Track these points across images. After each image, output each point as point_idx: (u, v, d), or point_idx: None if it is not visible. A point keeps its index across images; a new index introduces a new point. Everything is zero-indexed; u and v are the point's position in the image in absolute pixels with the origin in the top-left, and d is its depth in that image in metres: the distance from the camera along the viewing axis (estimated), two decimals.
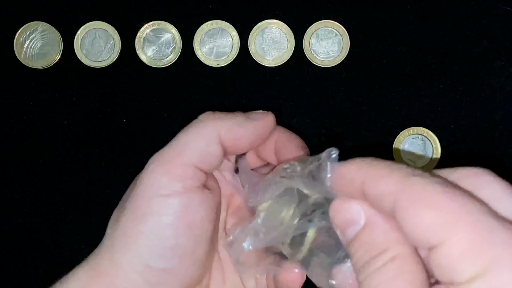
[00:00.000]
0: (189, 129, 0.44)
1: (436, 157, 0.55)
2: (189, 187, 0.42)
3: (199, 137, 0.43)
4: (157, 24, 0.55)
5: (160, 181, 0.42)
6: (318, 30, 0.55)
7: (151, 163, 0.43)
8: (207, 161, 0.43)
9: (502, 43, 0.55)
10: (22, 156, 0.55)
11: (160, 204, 0.42)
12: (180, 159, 0.43)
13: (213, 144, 0.44)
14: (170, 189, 0.42)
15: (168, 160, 0.43)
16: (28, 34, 0.55)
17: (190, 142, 0.43)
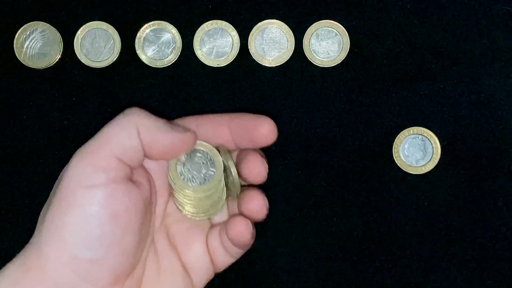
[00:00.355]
0: (112, 122, 0.45)
1: (436, 157, 0.55)
2: (112, 178, 0.44)
3: (120, 130, 0.45)
4: (157, 24, 0.55)
5: (83, 173, 0.43)
6: (318, 30, 0.55)
7: (75, 156, 0.44)
8: (129, 154, 0.45)
9: (502, 43, 0.55)
10: (22, 156, 0.55)
11: (84, 195, 0.43)
12: (102, 151, 0.44)
13: (133, 138, 0.45)
14: (94, 180, 0.43)
15: (91, 152, 0.44)
16: (28, 34, 0.55)
17: (112, 134, 0.44)
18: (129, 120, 0.45)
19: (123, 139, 0.45)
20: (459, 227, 0.55)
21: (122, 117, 0.46)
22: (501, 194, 0.55)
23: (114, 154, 0.44)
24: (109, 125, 0.45)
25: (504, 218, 0.55)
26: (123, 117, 0.46)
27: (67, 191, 0.43)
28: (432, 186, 0.55)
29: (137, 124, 0.45)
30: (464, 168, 0.55)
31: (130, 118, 0.45)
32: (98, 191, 0.43)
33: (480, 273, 0.55)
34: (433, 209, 0.55)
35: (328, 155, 0.55)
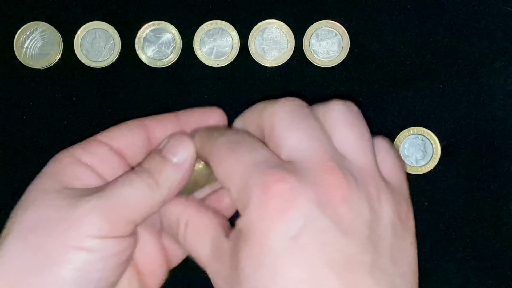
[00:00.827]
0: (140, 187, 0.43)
1: (436, 157, 0.55)
2: (124, 236, 0.42)
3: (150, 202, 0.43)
4: (157, 24, 0.55)
5: (100, 225, 0.41)
6: (318, 30, 0.55)
7: (92, 208, 0.42)
8: (148, 216, 0.44)
9: (502, 43, 0.55)
10: (22, 156, 0.55)
11: (94, 243, 0.41)
12: (123, 215, 0.42)
13: (157, 206, 0.44)
14: (107, 234, 0.42)
15: (111, 212, 0.42)
16: (28, 34, 0.55)
17: (136, 201, 0.43)
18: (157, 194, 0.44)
19: (147, 210, 0.43)
20: (459, 227, 0.55)
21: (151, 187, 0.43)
22: (501, 194, 0.55)
23: (133, 221, 0.43)
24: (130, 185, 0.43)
25: (504, 218, 0.55)
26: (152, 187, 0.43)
27: (77, 235, 0.41)
28: (432, 186, 0.55)
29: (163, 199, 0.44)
30: (464, 168, 0.55)
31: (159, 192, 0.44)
32: (109, 242, 0.42)
33: (480, 273, 0.55)
34: (433, 209, 0.55)
35: None
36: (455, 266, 0.55)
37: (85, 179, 0.44)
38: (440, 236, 0.55)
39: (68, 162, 0.45)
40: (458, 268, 0.55)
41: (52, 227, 0.42)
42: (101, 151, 0.46)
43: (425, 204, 0.55)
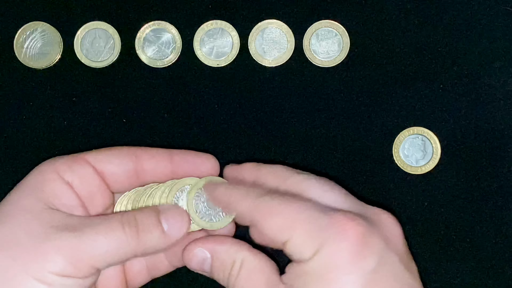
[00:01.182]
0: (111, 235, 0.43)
1: (436, 157, 0.55)
2: (85, 277, 0.43)
3: (117, 252, 0.43)
4: (157, 24, 0.55)
5: (63, 266, 0.42)
6: (318, 30, 0.55)
7: (61, 248, 0.42)
8: (112, 265, 0.44)
9: (502, 43, 0.55)
10: (22, 156, 0.55)
11: (54, 279, 0.42)
12: (90, 261, 0.43)
13: (124, 258, 0.44)
14: (69, 275, 0.42)
15: (78, 256, 0.42)
16: (28, 34, 0.55)
17: (105, 250, 0.43)
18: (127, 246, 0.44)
19: (114, 260, 0.44)
20: (459, 227, 0.55)
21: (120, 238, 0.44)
22: (501, 194, 0.55)
23: (98, 267, 0.43)
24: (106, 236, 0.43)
25: (504, 218, 0.55)
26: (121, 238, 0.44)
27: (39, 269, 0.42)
28: (432, 186, 0.55)
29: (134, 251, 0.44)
30: (464, 168, 0.55)
31: (130, 247, 0.44)
32: (69, 281, 0.42)
33: (480, 273, 0.55)
34: (433, 209, 0.55)
35: (328, 155, 0.55)
36: (455, 266, 0.55)
37: (64, 199, 0.45)
38: (440, 236, 0.55)
39: (51, 179, 0.46)
40: (458, 268, 0.55)
41: (20, 252, 0.42)
42: (84, 171, 0.46)
43: (425, 204, 0.55)
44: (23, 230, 0.43)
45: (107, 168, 0.47)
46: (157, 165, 0.48)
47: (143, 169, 0.48)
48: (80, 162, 0.46)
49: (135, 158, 0.48)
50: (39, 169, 0.46)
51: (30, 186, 0.46)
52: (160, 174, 0.49)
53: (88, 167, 0.47)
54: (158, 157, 0.48)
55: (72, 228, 0.43)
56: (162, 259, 0.49)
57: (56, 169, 0.46)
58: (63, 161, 0.46)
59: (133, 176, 0.48)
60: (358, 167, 0.55)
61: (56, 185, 0.45)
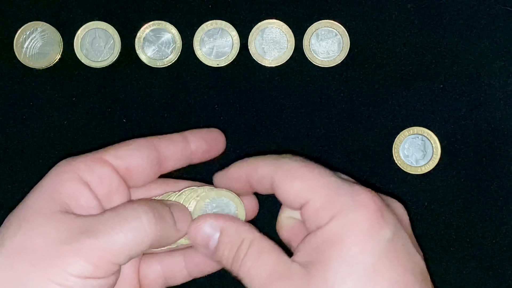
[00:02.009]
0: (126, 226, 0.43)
1: (436, 157, 0.55)
2: (106, 276, 0.43)
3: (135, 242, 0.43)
4: (157, 24, 0.55)
5: (83, 267, 0.42)
6: (318, 30, 0.55)
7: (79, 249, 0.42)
8: (132, 258, 0.44)
9: (502, 43, 0.55)
10: (22, 156, 0.55)
11: (75, 282, 0.41)
12: (110, 258, 0.42)
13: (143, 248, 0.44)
14: (90, 276, 0.42)
15: (98, 255, 0.42)
16: (28, 34, 0.55)
17: (124, 243, 0.43)
18: (145, 235, 0.43)
19: (133, 252, 0.43)
20: (459, 227, 0.55)
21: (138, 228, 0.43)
22: (501, 194, 0.55)
23: (118, 262, 0.43)
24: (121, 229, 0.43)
25: (504, 218, 0.55)
26: (138, 229, 0.43)
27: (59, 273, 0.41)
28: (432, 186, 0.55)
29: (151, 240, 0.44)
30: (464, 168, 0.55)
31: (146, 232, 0.43)
32: (91, 282, 0.42)
33: (480, 273, 0.55)
34: (433, 209, 0.55)
35: (328, 155, 0.55)
36: (455, 266, 0.55)
37: (81, 200, 0.45)
38: (440, 236, 0.55)
39: (68, 178, 0.45)
40: (458, 268, 0.55)
41: (38, 258, 0.42)
42: (103, 171, 0.46)
43: (425, 204, 0.55)
44: (39, 234, 0.43)
45: (130, 162, 0.46)
46: (176, 149, 0.48)
47: (165, 156, 0.48)
48: (99, 162, 0.46)
49: (154, 147, 0.47)
50: (57, 170, 0.46)
51: (47, 188, 0.45)
52: (180, 157, 0.48)
53: (107, 166, 0.46)
54: (176, 141, 0.48)
55: (88, 228, 0.43)
56: (181, 268, 0.49)
57: (75, 169, 0.45)
58: (81, 161, 0.46)
59: (156, 165, 0.47)
60: (358, 167, 0.55)
61: (74, 186, 0.45)
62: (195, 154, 0.49)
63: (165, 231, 0.44)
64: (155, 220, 0.44)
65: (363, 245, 0.41)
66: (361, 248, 0.40)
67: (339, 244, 0.41)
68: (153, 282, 0.49)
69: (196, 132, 0.49)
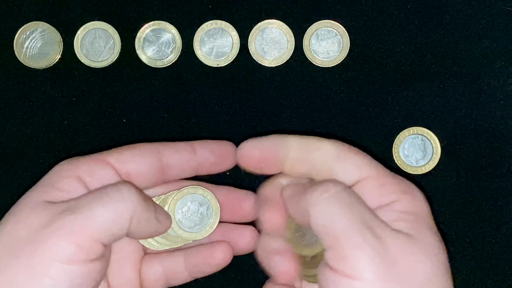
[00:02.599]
0: (105, 200, 0.42)
1: (436, 157, 0.55)
2: (91, 258, 0.42)
3: (114, 217, 0.42)
4: (157, 24, 0.55)
5: (65, 249, 0.41)
6: (318, 30, 0.55)
7: (59, 229, 0.41)
8: (114, 239, 0.43)
9: (502, 43, 0.55)
10: (22, 156, 0.55)
11: (58, 269, 0.41)
12: (89, 233, 0.41)
13: (124, 229, 0.43)
14: (73, 258, 0.41)
15: (77, 230, 0.41)
16: (28, 34, 0.55)
17: (103, 218, 0.42)
18: (125, 208, 0.42)
19: (114, 228, 0.42)
20: (459, 227, 0.55)
21: (118, 201, 0.42)
22: (501, 194, 0.55)
23: (100, 239, 0.42)
24: (101, 202, 0.42)
25: (504, 218, 0.55)
26: (118, 201, 0.42)
27: (42, 260, 0.40)
28: (432, 186, 0.55)
29: (132, 214, 0.43)
30: (464, 168, 0.55)
31: (127, 205, 0.42)
32: (75, 268, 0.41)
33: (480, 273, 0.55)
34: (433, 209, 0.55)
35: None
36: (455, 266, 0.55)
37: (74, 194, 0.44)
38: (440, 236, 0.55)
39: (66, 176, 0.44)
40: (458, 268, 0.55)
41: (21, 248, 0.41)
42: (105, 173, 0.45)
43: None
44: (24, 226, 0.42)
45: (132, 168, 0.46)
46: (181, 159, 0.47)
47: (168, 165, 0.47)
48: (101, 163, 0.45)
49: (158, 155, 0.47)
50: (57, 168, 0.45)
51: (42, 183, 0.45)
52: (185, 167, 0.48)
53: (110, 169, 0.45)
54: (181, 151, 0.47)
55: (67, 207, 0.42)
56: (182, 269, 0.49)
57: (75, 169, 0.45)
58: (83, 161, 0.45)
59: (158, 173, 0.47)
60: None
61: (70, 183, 0.44)
62: (201, 166, 0.48)
63: (145, 212, 0.43)
64: (136, 194, 0.43)
65: (428, 226, 0.43)
66: (428, 228, 0.43)
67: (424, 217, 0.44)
68: (154, 283, 0.49)
69: (205, 143, 0.48)
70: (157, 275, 0.49)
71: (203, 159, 0.48)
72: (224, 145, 0.49)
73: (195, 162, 0.48)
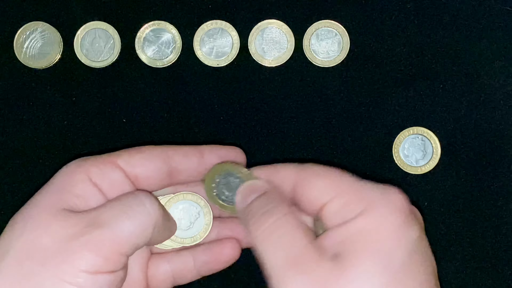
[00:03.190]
0: (130, 213, 0.43)
1: (436, 157, 0.55)
2: (116, 269, 0.42)
3: (141, 231, 0.43)
4: (157, 24, 0.55)
5: (93, 261, 0.41)
6: (318, 30, 0.55)
7: (88, 242, 0.42)
8: (138, 248, 0.44)
9: (502, 43, 0.55)
10: (22, 156, 0.55)
11: (86, 278, 0.41)
12: (118, 247, 0.42)
13: (146, 239, 0.44)
14: (100, 269, 0.42)
15: (107, 246, 0.42)
16: (28, 34, 0.55)
17: (131, 231, 0.43)
18: (150, 220, 0.43)
19: (139, 240, 0.43)
20: (459, 227, 0.55)
21: (143, 214, 0.43)
22: (501, 194, 0.55)
23: (126, 252, 0.43)
24: (127, 216, 0.43)
25: (504, 218, 0.55)
26: (143, 214, 0.43)
27: (70, 270, 0.41)
28: (432, 186, 0.55)
29: (154, 226, 0.44)
30: (464, 168, 0.55)
31: (151, 218, 0.43)
32: (101, 277, 0.42)
33: (480, 273, 0.55)
34: (433, 209, 0.55)
35: (328, 155, 0.55)
36: (455, 266, 0.55)
37: (91, 201, 0.44)
38: (440, 236, 0.55)
39: (79, 180, 0.45)
40: (458, 268, 0.55)
41: (47, 258, 0.41)
42: (115, 175, 0.45)
43: (425, 204, 0.55)
44: (45, 232, 0.42)
45: (141, 172, 0.46)
46: (190, 165, 0.47)
47: (177, 169, 0.47)
48: (111, 166, 0.45)
49: (167, 159, 0.47)
50: (67, 170, 0.45)
51: (56, 187, 0.45)
52: (193, 172, 0.47)
53: (119, 171, 0.45)
54: (190, 156, 0.47)
55: (94, 221, 0.42)
56: (191, 267, 0.49)
57: (86, 171, 0.45)
58: (93, 163, 0.45)
59: (166, 178, 0.47)
60: (358, 167, 0.55)
61: (84, 187, 0.44)
62: None
63: (164, 221, 0.45)
64: (157, 204, 0.44)
65: (397, 240, 0.40)
66: (396, 243, 0.40)
67: (373, 236, 0.40)
68: (162, 282, 0.48)
69: (214, 148, 0.48)
70: (166, 274, 0.49)
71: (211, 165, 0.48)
72: (232, 151, 0.48)
73: (203, 167, 0.48)
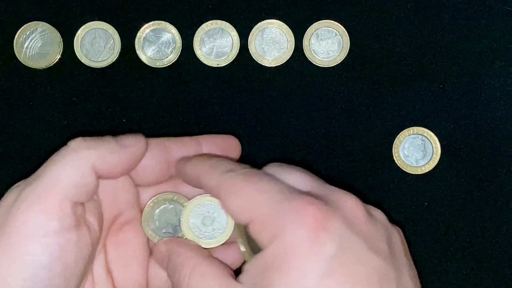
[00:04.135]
0: (60, 159, 0.42)
1: (436, 157, 0.55)
2: (66, 226, 0.41)
3: (73, 170, 0.42)
4: (157, 24, 0.55)
5: (36, 220, 0.41)
6: (318, 30, 0.55)
7: (24, 200, 0.41)
8: (84, 193, 0.42)
9: (502, 43, 0.55)
10: (22, 156, 0.55)
11: (36, 245, 0.40)
12: (56, 196, 0.41)
13: (88, 175, 0.42)
14: (47, 229, 0.41)
15: (44, 197, 0.41)
16: (28, 34, 0.55)
17: (64, 175, 0.42)
18: (79, 156, 0.42)
19: (77, 179, 0.42)
20: (459, 227, 0.55)
21: (71, 155, 0.42)
22: (501, 194, 0.55)
23: (68, 198, 0.41)
24: (57, 163, 0.42)
25: (504, 218, 0.55)
26: (71, 155, 0.42)
27: (17, 238, 0.40)
28: (432, 186, 0.55)
29: (90, 158, 0.42)
30: (464, 168, 0.55)
31: (79, 154, 0.42)
32: (50, 240, 0.41)
33: (480, 273, 0.55)
34: (433, 209, 0.55)
35: (328, 155, 0.55)
36: (455, 266, 0.55)
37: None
38: (440, 236, 0.55)
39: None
40: (458, 268, 0.55)
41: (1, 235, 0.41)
42: None
43: (425, 204, 0.55)
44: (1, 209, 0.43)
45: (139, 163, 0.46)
46: (187, 153, 0.47)
47: (176, 158, 0.47)
48: None
49: (165, 149, 0.47)
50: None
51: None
52: None
53: None
54: (187, 145, 0.47)
55: (28, 182, 0.42)
56: None
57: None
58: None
59: (165, 167, 0.47)
60: (358, 167, 0.55)
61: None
62: None
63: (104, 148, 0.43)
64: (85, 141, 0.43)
65: (303, 268, 0.38)
66: (302, 272, 0.38)
67: (279, 269, 0.39)
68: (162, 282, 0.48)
69: (210, 137, 0.48)
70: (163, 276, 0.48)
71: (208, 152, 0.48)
72: (228, 139, 0.49)
73: None
